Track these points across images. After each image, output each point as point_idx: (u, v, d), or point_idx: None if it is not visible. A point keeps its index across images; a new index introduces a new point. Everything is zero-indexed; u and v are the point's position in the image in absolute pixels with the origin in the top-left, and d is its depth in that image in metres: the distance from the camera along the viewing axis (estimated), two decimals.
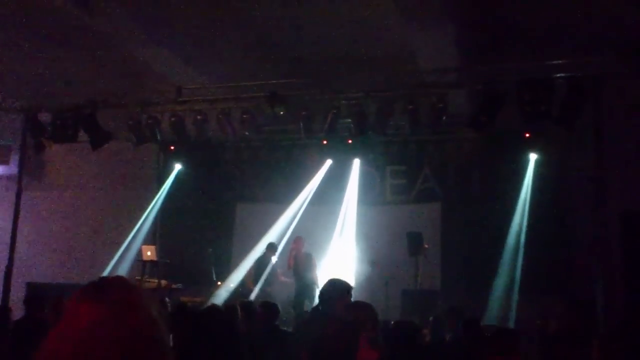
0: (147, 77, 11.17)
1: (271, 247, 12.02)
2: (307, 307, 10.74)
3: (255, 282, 11.71)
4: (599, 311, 9.35)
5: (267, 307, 6.79)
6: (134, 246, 12.99)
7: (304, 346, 2.92)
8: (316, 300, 5.27)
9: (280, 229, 12.86)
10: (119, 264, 12.86)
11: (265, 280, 11.66)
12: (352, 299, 5.33)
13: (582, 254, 10.89)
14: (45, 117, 11.54)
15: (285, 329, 7.08)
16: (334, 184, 12.97)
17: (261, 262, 11.88)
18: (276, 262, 12.03)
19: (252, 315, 6.58)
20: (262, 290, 11.49)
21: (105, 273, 12.51)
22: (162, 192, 13.79)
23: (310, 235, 12.26)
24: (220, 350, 3.57)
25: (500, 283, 11.28)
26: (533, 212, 11.51)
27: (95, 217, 13.58)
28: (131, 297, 1.46)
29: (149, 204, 13.64)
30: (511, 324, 10.46)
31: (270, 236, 12.64)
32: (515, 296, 11.04)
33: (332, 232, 12.69)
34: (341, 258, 12.29)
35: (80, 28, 9.72)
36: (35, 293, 10.34)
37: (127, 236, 13.18)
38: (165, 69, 11.01)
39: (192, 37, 10.09)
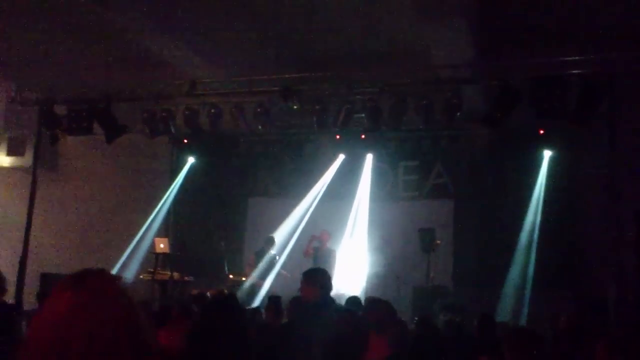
0: (161, 71, 11.22)
1: (269, 241, 12.11)
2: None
3: (259, 276, 11.81)
4: (610, 308, 9.32)
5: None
6: (147, 238, 13.07)
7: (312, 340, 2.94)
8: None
9: (291, 224, 12.88)
10: (132, 255, 12.93)
11: (261, 273, 11.77)
12: (368, 295, 5.35)
13: (595, 252, 10.83)
14: (60, 109, 11.62)
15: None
16: (347, 179, 12.96)
17: (259, 256, 11.99)
18: (274, 255, 12.09)
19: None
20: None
21: (119, 264, 12.62)
22: (175, 185, 13.86)
23: (320, 229, 12.28)
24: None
25: (512, 279, 11.25)
26: (546, 209, 11.46)
27: (109, 209, 13.66)
28: (109, 286, 1.51)
29: (162, 197, 13.70)
30: (523, 320, 10.43)
31: (283, 230, 12.69)
32: (528, 292, 11.01)
33: (344, 228, 12.69)
34: (353, 254, 12.30)
35: (95, 21, 9.79)
36: (48, 288, 10.45)
37: (140, 228, 13.25)
38: (180, 63, 11.05)
39: (206, 30, 10.11)
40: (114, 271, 12.49)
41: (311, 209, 12.94)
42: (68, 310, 1.42)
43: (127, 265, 12.78)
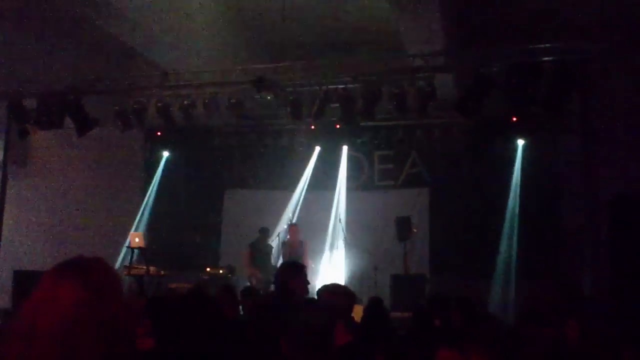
0: (132, 62, 11.07)
1: (265, 232, 11.94)
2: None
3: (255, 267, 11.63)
4: (585, 294, 9.44)
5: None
6: (122, 233, 12.92)
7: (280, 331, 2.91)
8: None
9: (269, 216, 12.83)
10: (107, 250, 12.78)
11: (263, 266, 11.59)
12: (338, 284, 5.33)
13: (571, 238, 10.95)
14: (30, 103, 11.40)
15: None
16: (323, 170, 12.96)
17: (255, 247, 11.80)
18: (270, 246, 12.01)
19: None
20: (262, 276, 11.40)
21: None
22: (154, 182, 13.72)
23: (302, 222, 12.25)
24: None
25: (487, 266, 11.33)
26: (520, 197, 11.56)
27: (82, 204, 13.49)
28: (111, 282, 1.51)
29: (136, 190, 13.57)
30: (493, 308, 10.51)
31: (261, 222, 12.63)
32: (500, 280, 11.11)
33: (323, 219, 12.68)
34: (332, 244, 12.32)
35: (63, 11, 9.60)
36: (21, 286, 10.33)
37: (114, 222, 13.11)
38: (151, 54, 10.90)
39: (177, 20, 9.98)
40: None
41: (290, 200, 12.93)
42: (71, 304, 1.41)
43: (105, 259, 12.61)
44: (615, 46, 9.10)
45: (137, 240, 11.78)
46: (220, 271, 11.88)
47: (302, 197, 12.93)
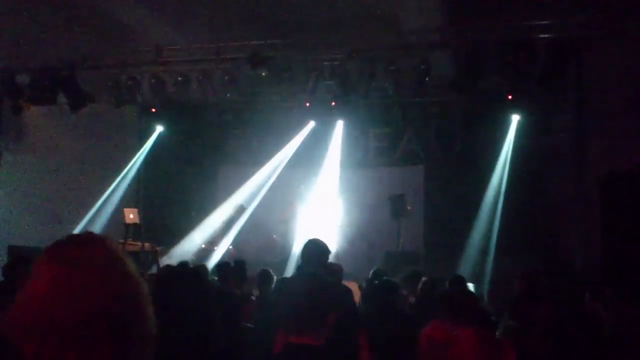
0: (126, 37, 10.97)
1: (241, 209, 12.06)
2: None
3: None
4: (577, 271, 9.49)
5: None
6: (116, 208, 12.92)
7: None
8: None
9: (262, 192, 12.88)
10: (101, 226, 12.80)
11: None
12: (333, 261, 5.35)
13: (561, 215, 10.99)
14: (23, 78, 11.32)
15: None
16: (317, 146, 12.94)
17: (230, 224, 11.96)
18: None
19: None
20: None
21: None
22: (140, 154, 13.67)
23: (291, 196, 12.27)
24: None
25: (474, 244, 11.38)
26: (513, 173, 11.57)
27: (76, 180, 13.42)
28: (94, 253, 1.40)
29: (130, 167, 13.54)
30: (485, 285, 10.57)
31: (255, 198, 12.68)
32: (491, 257, 11.15)
33: (313, 194, 12.72)
34: (323, 220, 12.33)
35: None
36: (15, 260, 10.29)
37: (109, 198, 13.11)
38: (145, 29, 10.81)
39: None
40: None
41: (281, 176, 12.95)
42: (48, 284, 1.34)
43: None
44: (610, 23, 9.05)
45: (131, 216, 11.78)
46: (215, 247, 11.92)
47: (286, 172, 12.94)
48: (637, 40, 8.96)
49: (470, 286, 8.03)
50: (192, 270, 4.16)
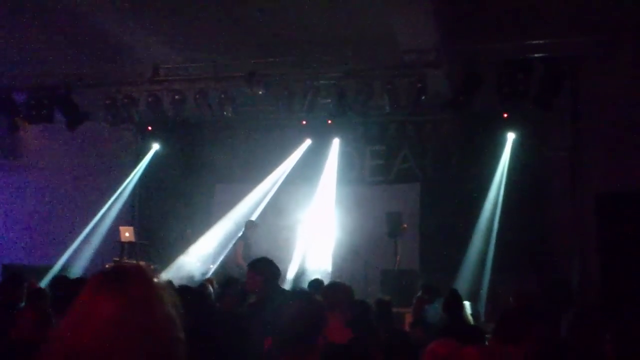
0: (123, 56, 10.99)
1: (253, 225, 11.82)
2: None
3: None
4: (574, 290, 9.46)
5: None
6: (112, 227, 12.87)
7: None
8: None
9: (255, 208, 12.85)
10: (96, 245, 12.75)
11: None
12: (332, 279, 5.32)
13: (557, 233, 10.99)
14: (19, 96, 11.33)
15: None
16: (314, 164, 12.94)
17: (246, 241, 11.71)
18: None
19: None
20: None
21: (88, 254, 12.44)
22: (136, 172, 13.66)
23: (287, 214, 12.22)
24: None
25: (471, 262, 11.37)
26: (509, 192, 11.60)
27: (72, 198, 13.40)
28: (151, 293, 1.43)
29: (127, 185, 13.52)
30: (482, 303, 10.56)
31: (246, 215, 12.62)
32: (487, 275, 11.14)
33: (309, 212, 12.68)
34: (319, 239, 12.30)
35: (54, 5, 9.52)
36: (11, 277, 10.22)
37: (105, 217, 13.07)
38: (142, 48, 10.83)
39: (168, 14, 9.92)
40: (78, 260, 12.36)
41: (277, 194, 12.93)
42: (108, 319, 1.34)
43: (93, 254, 12.60)
44: (606, 43, 9.12)
45: (127, 234, 11.76)
46: (211, 266, 11.85)
47: (282, 190, 12.91)
48: (631, 59, 9.03)
49: (467, 304, 8.01)
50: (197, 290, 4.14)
